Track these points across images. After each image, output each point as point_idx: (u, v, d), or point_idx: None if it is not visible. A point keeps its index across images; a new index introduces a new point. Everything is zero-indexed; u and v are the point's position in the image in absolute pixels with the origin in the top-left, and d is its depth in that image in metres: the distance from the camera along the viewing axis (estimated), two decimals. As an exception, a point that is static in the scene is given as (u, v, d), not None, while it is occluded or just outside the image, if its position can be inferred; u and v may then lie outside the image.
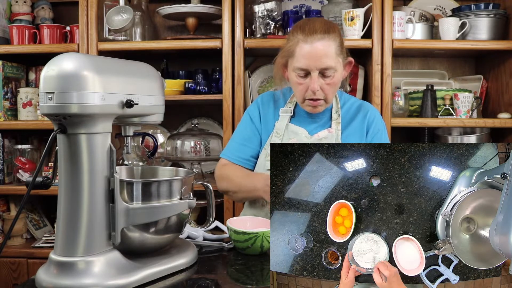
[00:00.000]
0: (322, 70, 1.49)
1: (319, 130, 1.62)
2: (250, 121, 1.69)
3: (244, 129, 1.69)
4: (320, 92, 1.52)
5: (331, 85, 1.53)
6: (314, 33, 1.49)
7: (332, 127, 1.62)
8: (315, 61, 1.48)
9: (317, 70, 1.49)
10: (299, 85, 1.54)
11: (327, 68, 1.49)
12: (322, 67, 1.49)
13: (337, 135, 1.60)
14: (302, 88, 1.54)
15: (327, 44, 1.49)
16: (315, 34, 1.49)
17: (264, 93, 1.76)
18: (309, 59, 1.49)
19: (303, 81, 1.53)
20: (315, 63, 1.48)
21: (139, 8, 2.37)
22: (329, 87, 1.53)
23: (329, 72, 1.50)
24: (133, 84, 1.11)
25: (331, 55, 1.49)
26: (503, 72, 2.30)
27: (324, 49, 1.48)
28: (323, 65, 1.49)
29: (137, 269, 1.07)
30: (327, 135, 1.60)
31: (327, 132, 1.61)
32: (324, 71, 1.50)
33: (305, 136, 1.61)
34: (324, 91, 1.53)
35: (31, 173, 2.32)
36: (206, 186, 1.26)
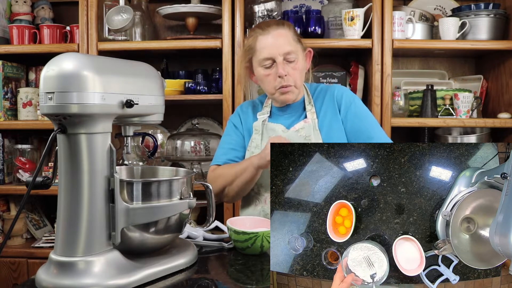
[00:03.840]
0: (285, 55, 1.57)
1: (295, 123, 1.65)
2: (233, 127, 1.76)
3: (229, 135, 1.75)
4: (288, 77, 1.58)
5: (297, 70, 1.60)
6: (269, 25, 1.61)
7: (308, 117, 1.65)
8: (278, 47, 1.57)
9: (280, 56, 1.57)
10: (267, 77, 1.60)
11: (289, 53, 1.57)
12: (285, 51, 1.57)
13: (314, 123, 1.63)
14: (270, 78, 1.60)
15: (282, 32, 1.59)
16: (270, 26, 1.61)
17: (243, 103, 1.86)
18: (271, 48, 1.57)
19: (270, 72, 1.59)
20: (278, 49, 1.57)
21: (139, 8, 2.37)
22: (295, 71, 1.59)
23: (291, 56, 1.57)
24: (133, 84, 1.11)
25: (289, 41, 1.59)
26: (503, 72, 2.30)
27: (282, 36, 1.58)
28: (285, 50, 1.57)
29: (137, 269, 1.07)
30: (303, 126, 1.63)
31: (303, 123, 1.64)
32: (287, 56, 1.57)
33: (282, 131, 1.64)
34: (292, 76, 1.59)
35: (31, 173, 2.32)
36: (206, 186, 1.26)
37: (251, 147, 1.68)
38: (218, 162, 1.71)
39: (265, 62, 1.59)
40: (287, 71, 1.57)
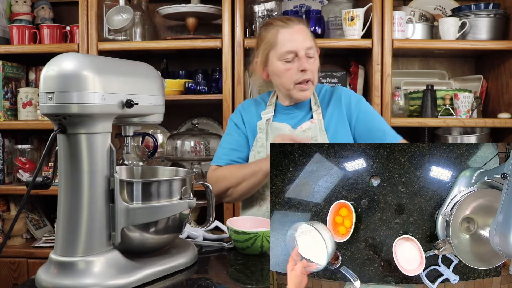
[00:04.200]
0: (306, 50, 1.58)
1: (302, 122, 1.65)
2: (235, 126, 1.73)
3: (230, 135, 1.73)
4: (309, 72, 1.58)
5: (315, 66, 1.62)
6: (290, 20, 1.62)
7: (314, 117, 1.64)
8: (301, 41, 1.58)
9: (303, 50, 1.57)
10: (287, 71, 1.59)
11: (310, 48, 1.59)
12: (307, 46, 1.58)
13: (320, 124, 1.62)
14: (291, 72, 1.58)
15: (303, 27, 1.62)
16: (292, 20, 1.62)
17: (245, 101, 1.84)
18: (294, 41, 1.57)
19: (291, 66, 1.58)
20: (302, 43, 1.57)
21: (139, 8, 2.37)
22: (314, 67, 1.61)
23: (311, 52, 1.59)
24: (133, 84, 1.11)
25: (309, 37, 1.61)
26: (503, 72, 2.30)
27: (304, 31, 1.61)
28: (308, 44, 1.58)
29: (137, 269, 1.07)
30: (310, 126, 1.63)
31: (310, 123, 1.63)
32: (308, 51, 1.58)
33: (289, 130, 1.64)
34: (312, 72, 1.59)
35: (31, 173, 2.32)
36: (206, 186, 1.26)
37: (257, 147, 1.66)
38: (219, 162, 1.69)
39: (287, 56, 1.57)
40: (308, 65, 1.57)
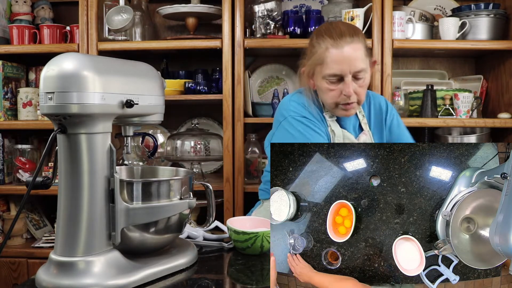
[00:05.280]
0: (355, 73, 1.48)
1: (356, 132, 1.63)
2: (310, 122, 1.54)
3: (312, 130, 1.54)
4: (354, 96, 1.50)
5: (363, 87, 1.51)
6: (342, 36, 1.47)
7: (364, 129, 1.62)
8: (349, 65, 1.46)
9: (350, 74, 1.47)
10: (330, 91, 1.51)
11: (359, 71, 1.48)
12: (356, 70, 1.47)
13: (370, 135, 1.61)
14: (334, 93, 1.51)
15: (357, 47, 1.47)
16: (344, 37, 1.47)
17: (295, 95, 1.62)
18: (341, 64, 1.47)
19: (335, 87, 1.50)
20: (349, 67, 1.47)
21: (139, 8, 2.37)
22: (361, 89, 1.51)
23: (361, 74, 1.49)
24: (133, 84, 1.11)
25: (361, 58, 1.48)
26: (503, 72, 2.30)
27: (355, 52, 1.47)
28: (356, 69, 1.47)
29: (137, 269, 1.07)
30: (365, 138, 1.61)
31: (364, 136, 1.61)
32: (357, 74, 1.48)
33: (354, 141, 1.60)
34: (358, 94, 1.51)
35: (31, 173, 2.32)
36: (206, 186, 1.26)
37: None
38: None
39: (331, 78, 1.49)
40: (354, 89, 1.49)
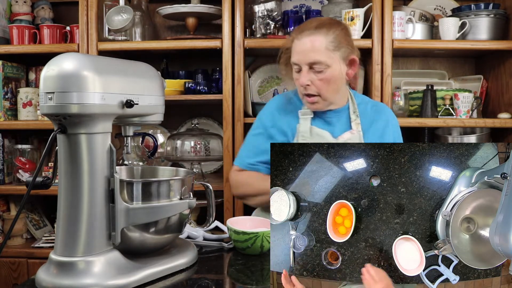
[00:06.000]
0: (310, 64, 1.51)
1: (342, 131, 1.61)
2: (262, 128, 1.66)
3: (256, 136, 1.67)
4: (311, 87, 1.53)
5: (324, 81, 1.52)
6: (305, 29, 1.54)
7: (353, 128, 1.61)
8: (303, 55, 1.52)
9: (306, 65, 1.52)
10: (296, 81, 1.58)
11: (315, 63, 1.51)
12: (310, 61, 1.51)
13: (360, 136, 1.59)
14: (297, 83, 1.57)
15: (315, 39, 1.51)
16: (306, 30, 1.54)
17: (275, 98, 1.74)
18: (299, 54, 1.53)
19: (298, 77, 1.55)
20: (304, 57, 1.52)
21: (139, 8, 2.37)
22: (321, 82, 1.52)
23: (318, 67, 1.51)
24: (133, 84, 1.11)
25: (319, 50, 1.50)
26: (503, 72, 2.30)
27: (311, 44, 1.51)
28: (310, 60, 1.51)
29: (137, 269, 1.07)
30: (351, 137, 1.60)
31: (350, 134, 1.60)
32: (313, 65, 1.51)
33: (331, 139, 1.60)
34: (316, 87, 1.53)
35: (31, 173, 2.32)
36: (206, 186, 1.26)
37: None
38: (241, 165, 1.66)
39: (294, 66, 1.56)
40: (311, 80, 1.52)
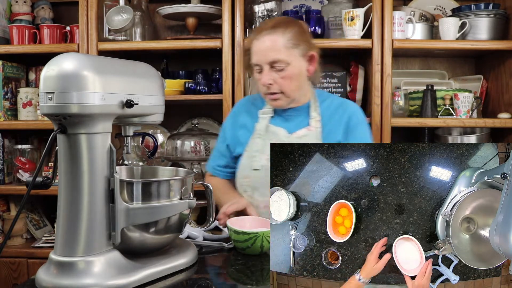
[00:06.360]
0: (271, 63, 1.53)
1: (298, 128, 1.63)
2: (222, 131, 1.75)
3: (218, 141, 1.77)
4: (274, 86, 1.55)
5: (285, 79, 1.55)
6: (262, 30, 1.57)
7: (311, 125, 1.62)
8: (263, 55, 1.54)
9: (266, 64, 1.54)
10: (258, 81, 1.60)
11: (275, 61, 1.53)
12: (269, 60, 1.53)
13: (317, 133, 1.60)
14: (260, 84, 1.59)
15: (273, 38, 1.53)
16: (263, 30, 1.56)
17: (241, 100, 1.82)
18: (258, 54, 1.55)
19: (260, 77, 1.57)
20: (264, 57, 1.54)
21: (139, 8, 2.37)
22: (283, 80, 1.55)
23: (279, 65, 1.53)
24: (133, 84, 1.11)
25: (278, 48, 1.52)
26: (503, 72, 2.30)
27: (270, 43, 1.53)
28: (270, 59, 1.53)
29: (137, 269, 1.07)
30: (306, 133, 1.61)
31: (306, 131, 1.61)
32: (273, 64, 1.53)
33: (284, 136, 1.62)
34: (279, 85, 1.55)
35: (31, 173, 2.32)
36: (206, 186, 1.26)
37: (252, 150, 1.64)
38: (208, 168, 1.77)
39: (255, 67, 1.58)
40: (273, 79, 1.54)
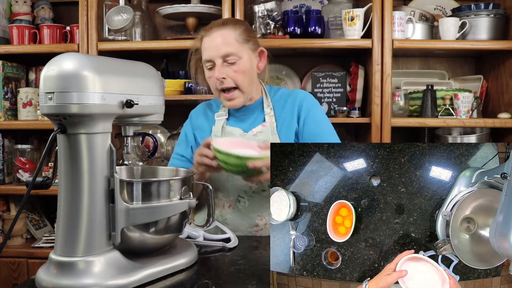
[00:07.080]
0: (223, 57, 1.54)
1: (254, 126, 1.63)
2: (184, 136, 1.76)
3: (178, 144, 1.77)
4: (228, 80, 1.55)
5: (239, 72, 1.55)
6: (213, 27, 1.58)
7: (266, 121, 1.62)
8: (216, 49, 1.54)
9: (219, 58, 1.54)
10: (210, 79, 1.59)
11: (227, 55, 1.53)
12: (222, 54, 1.53)
13: (272, 127, 1.60)
14: (213, 80, 1.58)
15: (224, 33, 1.55)
16: (214, 27, 1.58)
17: (197, 106, 1.81)
18: (210, 49, 1.55)
19: (212, 74, 1.57)
20: (216, 51, 1.54)
21: (139, 8, 2.37)
22: (236, 74, 1.55)
23: (231, 58, 1.54)
24: (133, 84, 1.11)
25: (230, 42, 1.54)
26: (503, 72, 2.30)
27: (221, 38, 1.54)
28: (222, 52, 1.53)
29: (137, 269, 1.07)
30: (262, 129, 1.61)
31: (261, 127, 1.61)
32: (226, 58, 1.54)
33: (240, 134, 1.62)
34: (232, 79, 1.55)
35: (31, 173, 2.32)
36: (206, 186, 1.26)
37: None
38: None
39: (206, 64, 1.57)
40: (226, 73, 1.54)
